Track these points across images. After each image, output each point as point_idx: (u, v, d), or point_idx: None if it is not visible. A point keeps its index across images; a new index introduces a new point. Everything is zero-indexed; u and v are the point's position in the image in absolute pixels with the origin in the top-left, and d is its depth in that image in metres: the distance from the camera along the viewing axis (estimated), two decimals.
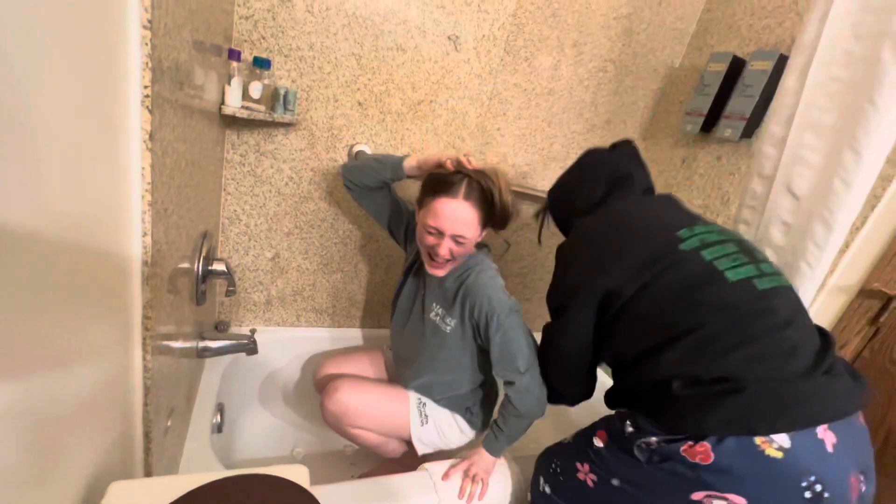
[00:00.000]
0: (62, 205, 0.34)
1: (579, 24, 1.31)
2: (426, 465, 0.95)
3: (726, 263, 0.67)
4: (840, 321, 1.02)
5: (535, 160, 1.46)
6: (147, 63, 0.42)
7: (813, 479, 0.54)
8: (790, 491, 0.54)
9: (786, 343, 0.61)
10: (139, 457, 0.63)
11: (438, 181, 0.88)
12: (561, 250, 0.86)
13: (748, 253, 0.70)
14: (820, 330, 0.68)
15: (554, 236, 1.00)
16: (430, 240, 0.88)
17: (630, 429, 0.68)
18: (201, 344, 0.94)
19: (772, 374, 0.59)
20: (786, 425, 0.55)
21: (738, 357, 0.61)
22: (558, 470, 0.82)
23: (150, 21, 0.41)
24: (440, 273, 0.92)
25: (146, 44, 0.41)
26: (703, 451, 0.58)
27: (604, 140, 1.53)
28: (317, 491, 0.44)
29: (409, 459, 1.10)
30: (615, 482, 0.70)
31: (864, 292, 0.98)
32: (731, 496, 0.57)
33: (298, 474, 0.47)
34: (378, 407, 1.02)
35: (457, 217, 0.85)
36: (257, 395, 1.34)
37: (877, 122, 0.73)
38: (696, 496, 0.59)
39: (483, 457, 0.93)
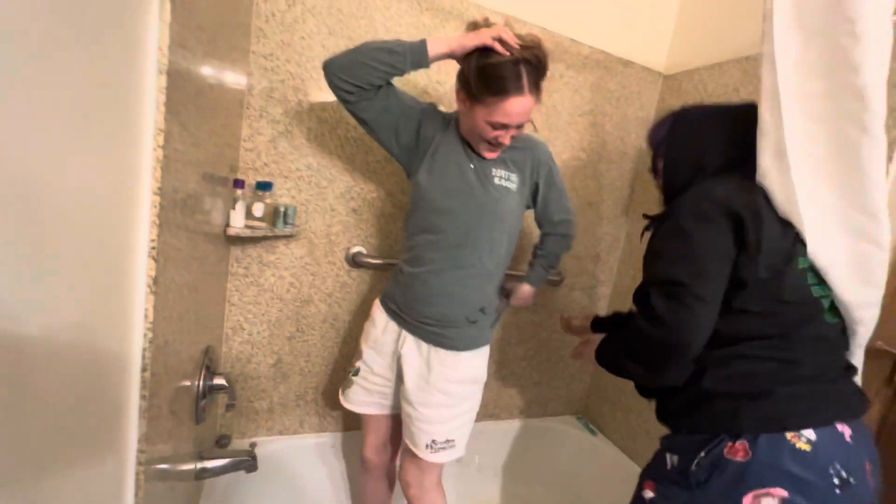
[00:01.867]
0: (67, 336, 0.38)
1: (548, 124, 1.46)
2: None
3: (818, 292, 0.70)
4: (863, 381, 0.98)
5: (525, 244, 1.53)
6: (155, 216, 0.48)
7: (839, 466, 0.62)
8: (822, 479, 0.61)
9: (826, 363, 0.69)
10: None
11: (501, 77, 0.81)
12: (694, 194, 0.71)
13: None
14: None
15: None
16: (494, 133, 0.87)
17: (672, 460, 0.70)
18: (199, 465, 0.91)
19: (801, 379, 0.66)
20: (813, 421, 0.63)
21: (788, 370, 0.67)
22: None
23: (161, 159, 0.48)
24: (496, 155, 0.95)
25: (156, 195, 0.48)
26: (742, 449, 0.64)
27: (588, 221, 1.61)
28: None
29: None
30: None
31: (872, 352, 0.96)
32: (775, 490, 0.61)
33: None
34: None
35: (524, 111, 0.85)
36: None
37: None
38: (746, 500, 0.62)
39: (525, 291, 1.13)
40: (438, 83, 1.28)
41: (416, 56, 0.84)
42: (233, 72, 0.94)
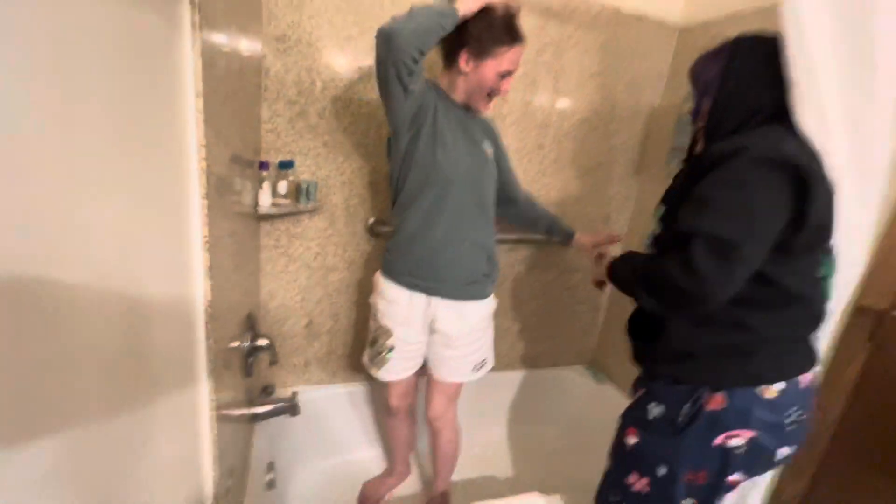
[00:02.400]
0: (160, 309, 0.49)
1: (556, 87, 1.46)
2: None
3: (826, 271, 0.76)
4: (842, 340, 1.05)
5: None
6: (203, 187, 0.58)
7: (795, 408, 0.73)
8: (781, 418, 0.72)
9: (806, 326, 0.77)
10: None
11: (510, 29, 0.97)
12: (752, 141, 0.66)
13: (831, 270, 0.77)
14: None
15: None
16: (501, 83, 1.01)
17: (656, 410, 0.79)
18: (250, 411, 1.09)
19: (781, 336, 0.74)
20: (783, 377, 0.73)
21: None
22: (617, 499, 0.86)
23: (205, 146, 0.57)
24: (491, 108, 1.09)
25: (202, 169, 0.58)
26: (720, 399, 0.73)
27: (598, 181, 1.64)
28: None
29: None
30: (663, 470, 0.78)
31: (858, 310, 1.01)
32: (743, 431, 0.72)
33: None
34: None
35: (520, 57, 1.01)
36: (303, 451, 1.46)
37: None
38: (717, 441, 0.73)
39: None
40: None
41: (455, 19, 0.90)
42: (250, 58, 1.00)
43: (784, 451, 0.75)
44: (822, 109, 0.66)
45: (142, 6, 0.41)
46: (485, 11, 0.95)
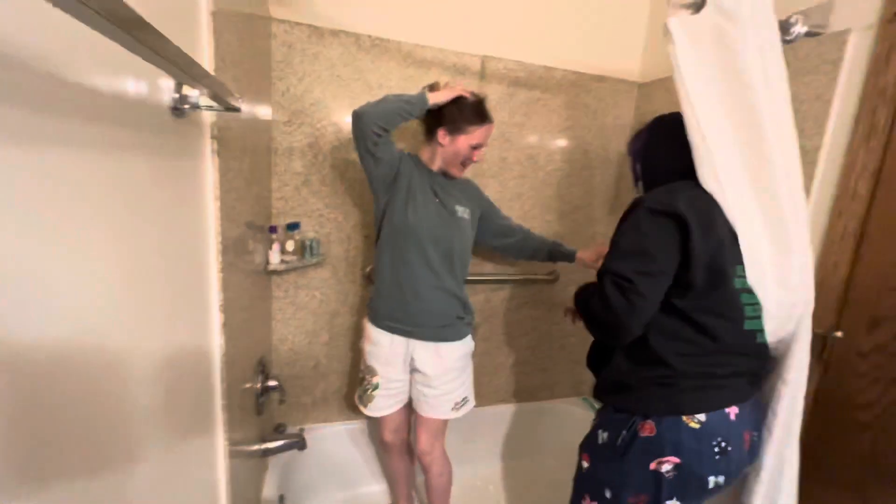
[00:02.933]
0: (182, 361, 0.65)
1: (528, 143, 1.65)
2: None
3: (748, 311, 0.82)
4: None
5: None
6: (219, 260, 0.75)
7: (720, 439, 0.80)
8: (705, 448, 0.80)
9: (736, 367, 0.83)
10: None
11: (479, 112, 1.19)
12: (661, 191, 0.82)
13: (759, 309, 0.83)
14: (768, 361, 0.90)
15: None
16: (473, 154, 1.22)
17: (603, 436, 0.89)
18: (262, 446, 1.22)
19: (700, 372, 0.82)
20: (703, 409, 0.81)
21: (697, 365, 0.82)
22: None
23: (220, 211, 0.75)
24: (462, 174, 1.28)
25: (218, 240, 0.75)
26: (649, 427, 0.82)
27: (578, 222, 1.79)
28: None
29: None
30: (608, 493, 0.86)
31: None
32: (671, 458, 0.80)
33: None
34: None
35: (490, 133, 1.24)
36: (313, 486, 1.57)
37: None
38: (653, 465, 0.80)
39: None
40: None
41: (422, 106, 1.15)
42: (264, 141, 1.22)
43: (717, 480, 0.81)
44: (714, 168, 0.80)
45: (183, 149, 0.60)
46: (457, 99, 1.19)
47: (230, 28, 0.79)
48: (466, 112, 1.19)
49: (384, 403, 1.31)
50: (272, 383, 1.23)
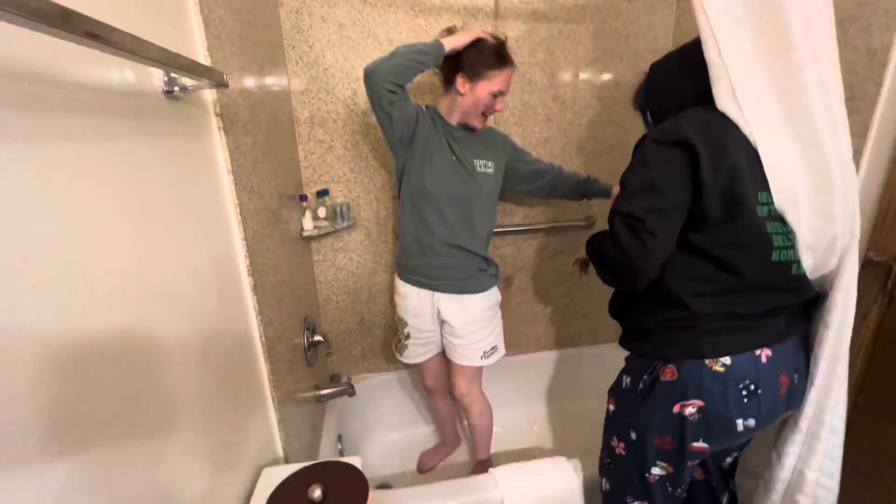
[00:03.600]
0: (218, 324, 0.75)
1: (552, 81, 1.55)
2: (492, 470, 1.19)
3: (778, 241, 0.75)
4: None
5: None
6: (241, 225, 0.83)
7: (748, 381, 0.77)
8: (731, 391, 0.77)
9: (768, 304, 0.78)
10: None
11: (499, 55, 1.13)
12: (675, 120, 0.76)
13: (793, 238, 0.76)
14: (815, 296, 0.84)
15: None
16: (494, 102, 1.16)
17: (626, 381, 0.89)
18: (315, 393, 1.37)
19: (723, 312, 0.77)
20: (727, 351, 0.77)
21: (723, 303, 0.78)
22: (608, 460, 0.98)
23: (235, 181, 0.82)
24: (487, 124, 1.24)
25: (237, 212, 0.83)
26: (670, 371, 0.80)
27: (612, 163, 1.69)
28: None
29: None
30: (633, 435, 0.87)
31: (865, 263, 1.00)
32: (694, 401, 0.78)
33: (356, 462, 0.81)
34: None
35: (511, 78, 1.18)
36: (367, 427, 1.74)
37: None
38: (676, 409, 0.80)
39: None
40: None
41: (438, 54, 1.11)
42: (285, 112, 1.27)
43: (746, 423, 0.78)
44: (731, 85, 0.71)
45: (186, 129, 0.65)
46: (476, 42, 1.13)
47: (224, 3, 0.81)
48: (486, 55, 1.13)
49: (417, 352, 1.39)
50: (318, 338, 1.35)
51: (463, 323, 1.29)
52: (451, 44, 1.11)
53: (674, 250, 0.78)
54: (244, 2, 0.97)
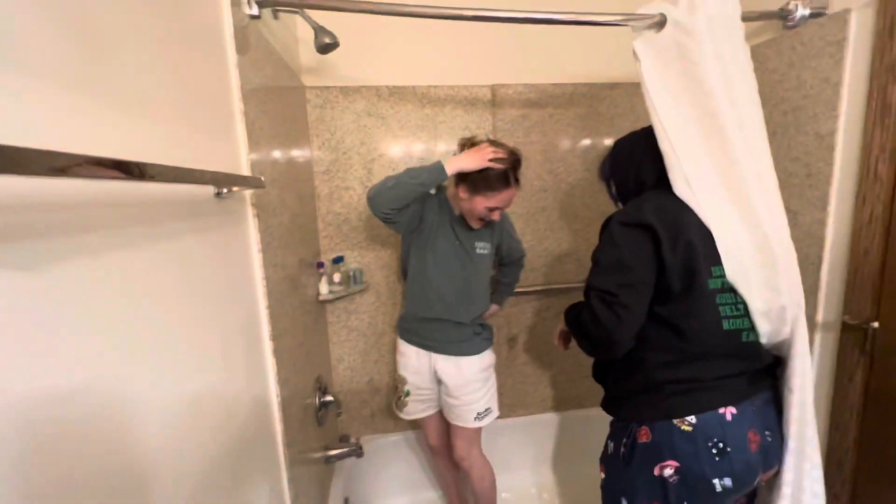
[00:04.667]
0: (242, 383, 0.84)
1: (547, 157, 1.72)
2: None
3: (726, 311, 0.83)
4: (839, 356, 1.08)
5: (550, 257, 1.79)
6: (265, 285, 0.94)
7: (716, 439, 0.81)
8: (702, 450, 0.81)
9: (725, 370, 0.84)
10: None
11: (497, 179, 1.17)
12: (633, 205, 0.86)
13: (746, 306, 0.83)
14: (773, 360, 0.90)
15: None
16: (488, 214, 1.23)
17: (610, 446, 0.93)
18: (324, 454, 1.41)
19: (684, 378, 0.83)
20: (692, 410, 0.82)
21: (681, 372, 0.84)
22: None
23: (262, 250, 0.94)
24: (482, 225, 1.32)
25: (263, 282, 0.94)
26: (645, 433, 0.85)
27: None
28: None
29: None
30: (625, 502, 0.89)
31: (844, 327, 1.05)
32: (670, 462, 0.83)
33: None
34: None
35: (511, 197, 1.25)
36: (374, 491, 1.73)
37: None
38: (656, 471, 0.83)
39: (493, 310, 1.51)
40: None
41: (439, 180, 1.18)
42: (309, 191, 1.44)
43: (723, 483, 0.80)
44: (684, 174, 0.83)
45: (228, 221, 0.79)
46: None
47: (263, 110, 1.00)
48: (488, 179, 1.18)
49: (417, 408, 1.44)
50: (328, 398, 1.42)
51: (457, 384, 1.35)
52: (455, 168, 1.16)
53: (644, 321, 0.85)
54: (279, 106, 1.17)
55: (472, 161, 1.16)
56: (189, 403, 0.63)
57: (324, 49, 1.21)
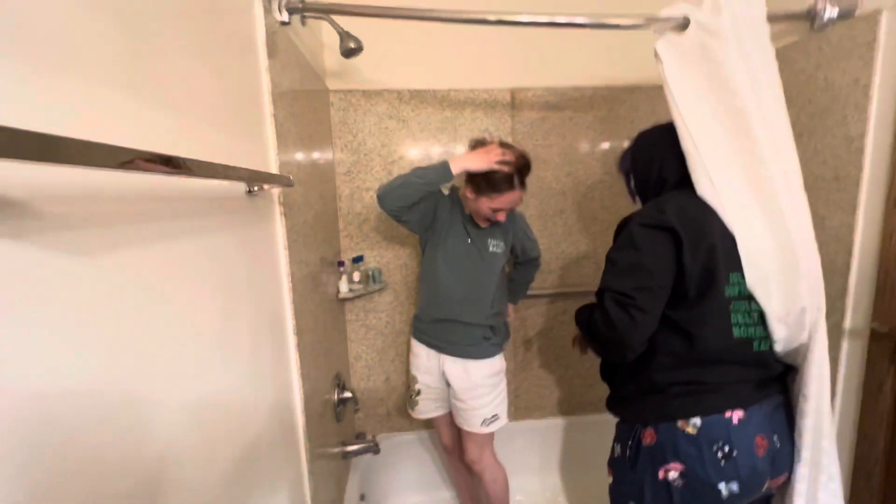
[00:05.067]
0: (268, 376, 0.87)
1: (567, 160, 1.72)
2: None
3: (739, 319, 0.82)
4: (867, 365, 1.05)
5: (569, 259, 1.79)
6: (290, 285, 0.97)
7: (721, 442, 0.80)
8: (706, 453, 0.80)
9: (730, 377, 0.83)
10: None
11: (501, 181, 1.18)
12: (655, 205, 0.85)
13: (761, 314, 0.83)
14: (784, 368, 0.89)
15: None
16: (493, 215, 1.24)
17: (616, 449, 0.93)
18: (342, 449, 1.43)
19: (687, 380, 0.83)
20: (696, 412, 0.81)
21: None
22: None
23: (287, 246, 0.97)
24: (488, 225, 1.33)
25: (288, 279, 0.97)
26: (650, 435, 0.85)
27: None
28: None
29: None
30: None
31: (872, 335, 1.03)
32: (674, 464, 0.81)
33: None
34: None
35: (516, 200, 1.25)
36: (389, 489, 1.75)
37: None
38: (661, 475, 0.82)
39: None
40: None
41: (444, 180, 1.22)
42: (331, 191, 1.48)
43: (730, 487, 0.79)
44: (708, 174, 0.83)
45: (258, 218, 0.83)
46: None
47: (291, 112, 1.04)
48: (493, 181, 1.20)
49: (429, 407, 1.46)
50: (346, 395, 1.44)
51: (464, 388, 1.35)
52: (460, 167, 1.19)
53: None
54: (305, 109, 1.21)
55: (478, 162, 1.19)
56: (218, 396, 0.66)
57: (348, 54, 1.25)
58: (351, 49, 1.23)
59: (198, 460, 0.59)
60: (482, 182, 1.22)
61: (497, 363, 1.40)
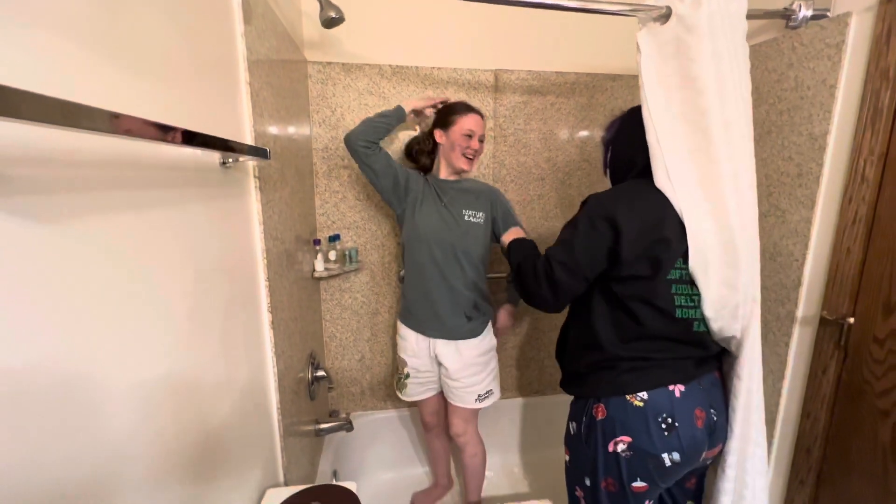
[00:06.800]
0: (242, 353, 0.85)
1: (547, 146, 1.73)
2: None
3: (681, 301, 0.88)
4: (815, 349, 1.13)
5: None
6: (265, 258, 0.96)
7: (664, 414, 0.86)
8: (652, 425, 0.86)
9: (674, 353, 0.89)
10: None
11: (457, 105, 1.37)
12: (614, 191, 0.92)
13: (696, 300, 0.88)
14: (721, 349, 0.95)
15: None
16: (468, 141, 1.33)
17: (571, 427, 0.97)
18: (315, 427, 1.44)
19: (637, 356, 0.89)
20: (643, 387, 0.87)
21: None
22: None
23: (263, 222, 0.95)
24: (473, 167, 1.38)
25: (264, 257, 0.95)
26: (601, 409, 0.90)
27: None
28: None
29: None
30: (588, 481, 0.93)
31: (821, 321, 1.10)
32: (623, 437, 0.87)
33: (352, 487, 0.89)
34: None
35: (480, 122, 1.36)
36: (362, 465, 1.78)
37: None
38: (611, 447, 0.88)
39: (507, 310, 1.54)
40: None
41: (400, 114, 1.38)
42: (307, 167, 1.44)
43: (672, 457, 0.85)
44: (665, 168, 0.86)
45: (233, 191, 0.80)
46: (441, 103, 1.43)
47: (267, 82, 0.99)
48: (451, 107, 1.37)
49: (417, 390, 1.47)
50: (320, 373, 1.44)
51: (457, 367, 1.38)
52: (411, 105, 1.39)
53: (600, 299, 0.91)
54: (282, 80, 1.16)
55: (422, 101, 1.41)
56: (189, 372, 0.65)
57: (329, 23, 1.20)
58: (332, 18, 1.18)
59: (166, 438, 0.58)
60: (444, 115, 1.37)
61: (488, 341, 1.43)
